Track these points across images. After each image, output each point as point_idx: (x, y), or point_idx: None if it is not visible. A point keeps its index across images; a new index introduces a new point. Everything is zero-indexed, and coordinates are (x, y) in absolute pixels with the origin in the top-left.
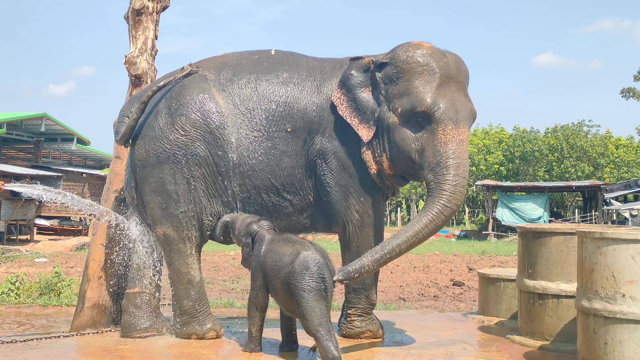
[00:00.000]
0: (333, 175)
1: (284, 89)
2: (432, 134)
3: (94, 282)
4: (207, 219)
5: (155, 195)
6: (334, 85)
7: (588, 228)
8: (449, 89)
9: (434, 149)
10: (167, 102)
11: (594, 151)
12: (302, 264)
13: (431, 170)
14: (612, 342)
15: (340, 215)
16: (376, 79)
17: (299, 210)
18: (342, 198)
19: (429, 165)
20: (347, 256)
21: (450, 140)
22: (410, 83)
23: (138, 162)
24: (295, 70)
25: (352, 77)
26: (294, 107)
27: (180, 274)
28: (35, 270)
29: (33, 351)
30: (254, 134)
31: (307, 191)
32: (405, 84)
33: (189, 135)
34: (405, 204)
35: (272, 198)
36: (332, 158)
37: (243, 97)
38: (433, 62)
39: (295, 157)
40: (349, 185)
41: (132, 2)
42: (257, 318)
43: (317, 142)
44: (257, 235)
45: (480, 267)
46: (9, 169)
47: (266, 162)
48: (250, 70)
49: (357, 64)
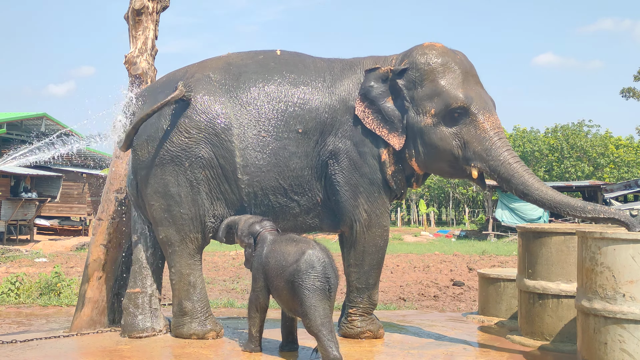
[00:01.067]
0: (344, 175)
1: (294, 89)
2: (472, 125)
3: (94, 282)
4: (209, 221)
5: (157, 196)
6: (345, 86)
7: (588, 228)
8: (470, 82)
9: (479, 138)
10: (171, 104)
11: (594, 151)
12: (308, 263)
13: (482, 159)
14: (612, 342)
15: (348, 214)
16: (398, 86)
17: (305, 210)
18: (352, 197)
19: (477, 154)
20: (353, 255)
21: (491, 127)
22: (437, 83)
23: (140, 164)
24: (303, 71)
25: (373, 89)
26: (305, 108)
27: (182, 275)
28: (35, 270)
29: (33, 351)
30: (262, 135)
31: (315, 192)
32: (431, 85)
33: (193, 138)
34: (405, 204)
35: (279, 199)
36: (343, 157)
37: (250, 98)
38: (451, 60)
39: (305, 158)
40: (359, 184)
41: (132, 2)
42: (257, 319)
43: (330, 143)
44: (260, 236)
45: (480, 267)
46: (9, 169)
47: (275, 163)
48: (257, 70)
49: (374, 75)
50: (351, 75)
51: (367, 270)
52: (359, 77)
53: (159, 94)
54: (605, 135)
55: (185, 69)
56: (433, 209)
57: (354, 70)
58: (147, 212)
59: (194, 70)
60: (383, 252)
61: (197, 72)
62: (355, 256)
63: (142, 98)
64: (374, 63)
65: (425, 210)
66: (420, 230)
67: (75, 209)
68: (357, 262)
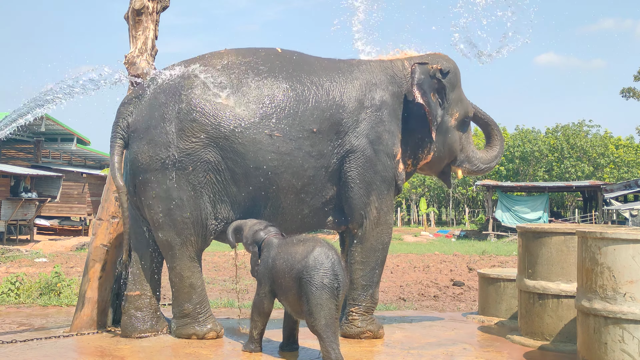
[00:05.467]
0: (358, 171)
1: (305, 89)
2: (468, 133)
3: (94, 282)
4: (211, 224)
5: (158, 200)
6: (358, 86)
7: (588, 228)
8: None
9: (470, 145)
10: (175, 106)
11: (594, 151)
12: (316, 259)
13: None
14: (612, 342)
15: (359, 211)
16: (443, 85)
17: (314, 210)
18: (365, 194)
19: (468, 158)
20: (360, 252)
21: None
22: (460, 91)
23: (140, 166)
24: (311, 71)
25: (425, 82)
26: (319, 108)
27: (182, 277)
28: (35, 270)
29: (33, 351)
30: (276, 135)
31: (326, 191)
32: (457, 92)
33: (200, 142)
34: (405, 203)
35: (289, 199)
36: (359, 154)
37: (260, 98)
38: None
39: (320, 158)
40: (372, 181)
41: (132, 2)
42: (260, 323)
43: (346, 142)
44: (264, 242)
45: (480, 267)
46: (9, 169)
47: (289, 163)
48: (263, 69)
49: (425, 69)
50: (360, 76)
51: (373, 267)
52: (368, 77)
53: (157, 93)
54: (605, 136)
55: (184, 66)
56: (433, 209)
57: (362, 71)
58: (145, 213)
59: (194, 69)
60: (387, 249)
61: (199, 70)
62: (362, 253)
63: (140, 96)
64: (380, 65)
65: (425, 210)
66: (420, 230)
67: (75, 209)
68: (364, 260)
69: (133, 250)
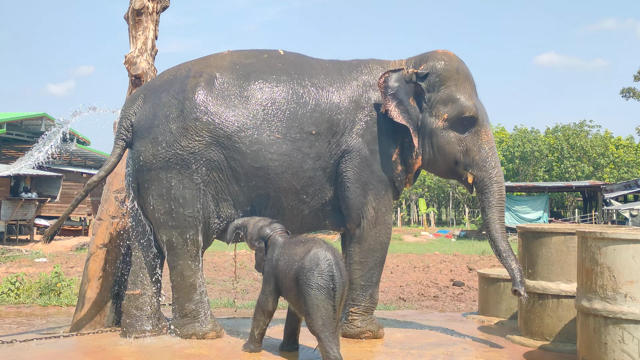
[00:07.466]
0: (355, 172)
1: (306, 90)
2: (476, 135)
3: (94, 282)
4: (214, 223)
5: (160, 199)
6: (355, 87)
7: (588, 228)
8: (475, 93)
9: (479, 147)
10: (179, 105)
11: (594, 151)
12: (312, 260)
13: (479, 168)
14: (612, 342)
15: (356, 211)
16: (420, 88)
17: (314, 211)
18: (361, 194)
19: (475, 162)
20: (358, 253)
21: (489, 140)
22: (452, 90)
23: (143, 165)
24: (312, 72)
25: (401, 89)
26: (318, 110)
27: (183, 277)
28: (35, 270)
29: (33, 351)
30: (276, 137)
31: (325, 192)
32: (447, 92)
33: (203, 141)
34: (405, 203)
35: (290, 200)
36: (355, 155)
37: (262, 99)
38: (463, 69)
39: (318, 159)
40: (369, 181)
41: (132, 2)
42: (262, 322)
43: (343, 143)
44: (270, 239)
45: (480, 267)
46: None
47: (289, 164)
48: (265, 70)
49: (400, 75)
50: (359, 77)
51: (372, 268)
52: (366, 78)
53: (161, 92)
54: (605, 136)
55: (188, 67)
56: (433, 209)
57: (361, 72)
58: (147, 211)
59: (198, 69)
60: (386, 249)
61: (203, 71)
62: (361, 253)
63: (143, 96)
64: (380, 66)
65: (425, 210)
66: (420, 230)
67: (75, 209)
68: (362, 260)
69: (134, 249)
